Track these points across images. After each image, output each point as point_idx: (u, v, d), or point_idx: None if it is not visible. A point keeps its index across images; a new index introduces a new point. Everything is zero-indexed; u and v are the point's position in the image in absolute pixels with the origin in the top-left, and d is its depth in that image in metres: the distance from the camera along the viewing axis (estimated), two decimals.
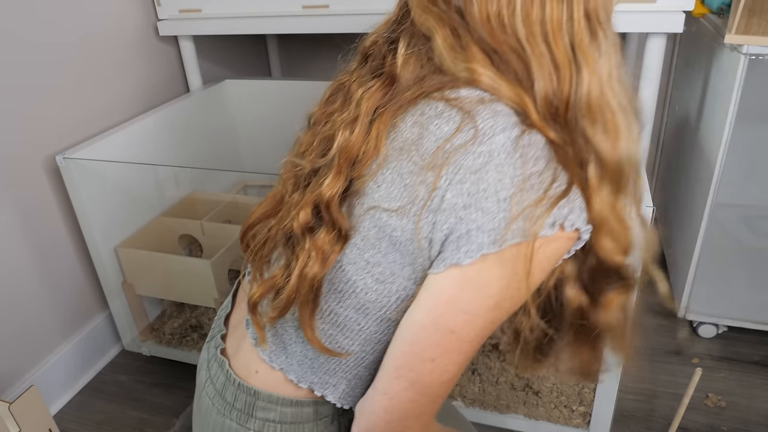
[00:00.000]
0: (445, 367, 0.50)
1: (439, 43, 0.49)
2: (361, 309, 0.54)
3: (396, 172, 0.50)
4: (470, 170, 0.46)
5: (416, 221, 0.48)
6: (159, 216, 1.46)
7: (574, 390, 1.06)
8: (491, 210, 0.46)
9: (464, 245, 0.46)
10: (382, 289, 0.52)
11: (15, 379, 1.24)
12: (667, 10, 1.11)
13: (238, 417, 0.61)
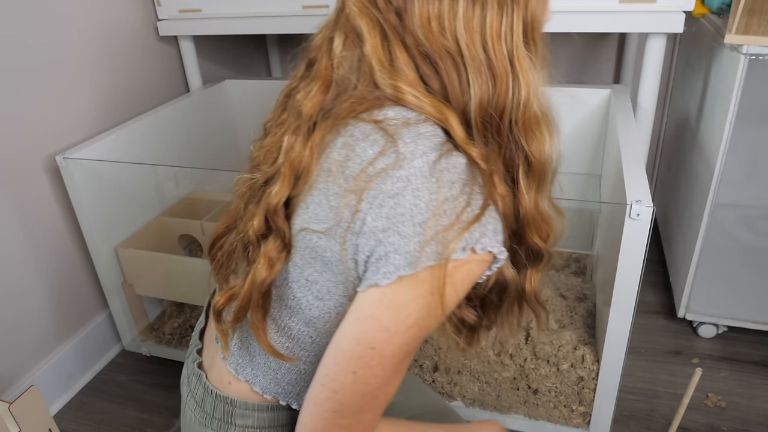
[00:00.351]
0: (367, 380, 0.50)
1: (369, 51, 0.50)
2: (310, 323, 0.56)
3: (323, 193, 0.51)
4: (389, 194, 0.48)
5: (341, 243, 0.50)
6: (159, 216, 1.46)
7: (573, 390, 1.06)
8: (407, 234, 0.47)
9: (383, 266, 0.48)
10: (322, 306, 0.55)
11: (15, 379, 1.24)
12: (667, 10, 1.11)
13: (218, 426, 0.62)
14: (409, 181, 0.48)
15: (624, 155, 0.99)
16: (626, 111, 1.21)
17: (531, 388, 1.09)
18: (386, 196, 0.48)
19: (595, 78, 1.73)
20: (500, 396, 1.12)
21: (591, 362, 1.02)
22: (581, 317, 1.12)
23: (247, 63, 1.98)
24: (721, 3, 1.25)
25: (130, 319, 1.43)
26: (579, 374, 1.04)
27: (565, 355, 1.04)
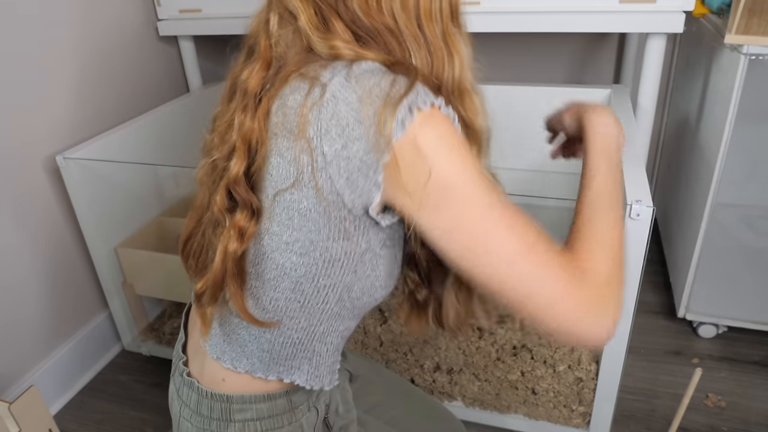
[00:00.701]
0: (508, 226, 0.50)
1: (303, 23, 0.53)
2: (297, 286, 0.57)
3: (277, 154, 0.53)
4: (328, 118, 0.50)
5: (314, 186, 0.51)
6: (159, 216, 1.46)
7: (573, 390, 1.06)
8: (361, 134, 0.49)
9: (367, 173, 0.50)
10: (307, 261, 0.56)
11: (15, 379, 1.24)
12: (667, 10, 1.11)
13: (218, 426, 0.63)
14: (335, 97, 0.50)
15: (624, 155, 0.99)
16: (626, 111, 1.21)
17: (529, 388, 1.09)
18: (327, 120, 0.50)
19: (595, 78, 1.73)
20: (500, 395, 1.12)
21: (588, 363, 1.02)
22: None
23: None
24: (721, 3, 1.25)
25: (130, 319, 1.43)
26: (576, 375, 1.04)
27: (562, 357, 1.04)
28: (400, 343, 1.14)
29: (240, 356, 0.62)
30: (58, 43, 1.25)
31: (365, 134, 0.49)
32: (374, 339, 1.15)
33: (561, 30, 1.19)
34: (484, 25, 1.22)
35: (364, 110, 0.49)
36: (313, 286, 0.57)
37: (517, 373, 1.08)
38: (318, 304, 0.59)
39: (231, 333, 0.62)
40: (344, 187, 0.51)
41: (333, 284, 0.57)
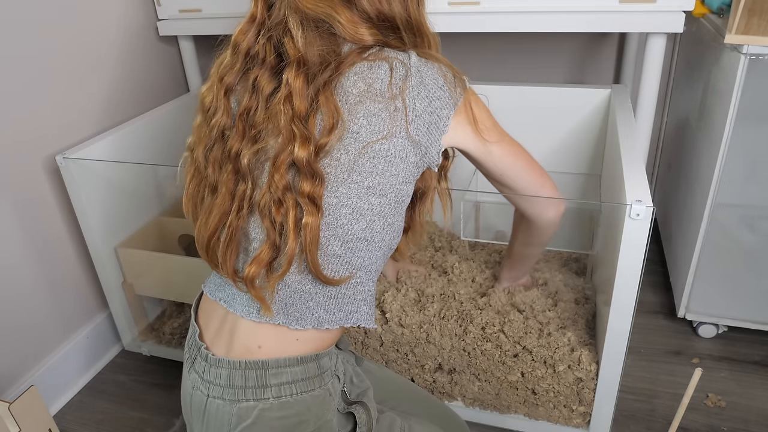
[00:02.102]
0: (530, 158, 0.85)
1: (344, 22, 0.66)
2: (368, 227, 0.68)
3: (366, 116, 0.65)
4: (417, 83, 0.67)
5: (406, 132, 0.67)
6: (159, 216, 1.46)
7: (573, 390, 1.06)
8: (441, 95, 0.69)
9: (439, 124, 0.69)
10: (383, 201, 0.68)
11: (15, 379, 1.24)
12: (667, 10, 1.11)
13: (253, 394, 0.66)
14: (419, 69, 0.68)
15: (624, 155, 0.99)
16: (626, 111, 1.21)
17: (530, 388, 1.09)
18: (416, 85, 0.67)
19: (595, 78, 1.73)
20: (500, 395, 1.12)
21: (588, 363, 1.02)
22: (581, 318, 1.12)
23: None
24: (721, 3, 1.25)
25: (130, 319, 1.43)
26: (576, 375, 1.04)
27: (562, 357, 1.04)
28: (401, 344, 1.14)
29: (305, 314, 0.68)
30: (57, 43, 1.25)
31: (443, 95, 0.69)
32: (375, 339, 1.15)
33: (561, 30, 1.19)
34: (484, 25, 1.22)
35: (442, 80, 0.69)
36: (381, 224, 0.69)
37: (517, 373, 1.08)
38: (378, 242, 0.69)
39: (293, 294, 0.68)
40: (425, 134, 0.68)
41: (392, 223, 0.70)
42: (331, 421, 0.69)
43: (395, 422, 0.78)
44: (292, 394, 0.67)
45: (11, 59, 1.15)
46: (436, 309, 1.12)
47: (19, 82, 1.17)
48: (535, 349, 1.05)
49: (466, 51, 1.75)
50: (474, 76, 1.76)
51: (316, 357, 0.69)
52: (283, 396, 0.66)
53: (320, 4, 0.66)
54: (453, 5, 1.23)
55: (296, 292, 0.67)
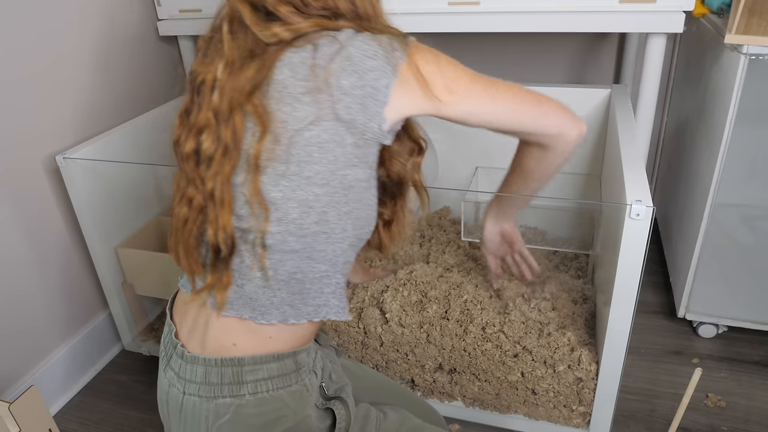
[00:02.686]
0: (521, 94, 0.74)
1: (247, 20, 0.64)
2: (321, 219, 0.65)
3: (291, 103, 0.62)
4: (344, 58, 0.62)
5: (334, 114, 0.62)
6: (159, 216, 1.46)
7: (573, 390, 1.06)
8: (374, 66, 0.62)
9: (377, 96, 0.63)
10: (328, 190, 0.64)
11: (15, 379, 1.24)
12: (667, 10, 1.12)
13: (230, 391, 0.66)
14: (347, 44, 0.62)
15: (624, 155, 0.99)
16: (626, 111, 1.21)
17: (530, 388, 1.09)
18: (342, 60, 0.62)
19: (595, 78, 1.73)
20: (500, 395, 1.12)
21: (588, 363, 1.02)
22: (581, 318, 1.12)
23: None
24: (721, 3, 1.25)
25: (130, 319, 1.43)
26: (576, 375, 1.04)
27: (562, 357, 1.04)
28: (401, 344, 1.14)
29: (270, 308, 0.67)
30: (57, 43, 1.25)
31: (377, 64, 0.62)
32: (375, 339, 1.15)
33: (561, 30, 1.19)
34: (484, 25, 1.22)
35: (373, 49, 0.62)
36: (336, 214, 0.65)
37: (517, 373, 1.08)
38: (339, 233, 0.66)
39: (257, 289, 0.67)
40: (359, 111, 0.62)
41: (350, 211, 0.66)
42: (310, 416, 0.69)
43: (370, 411, 0.78)
44: (268, 390, 0.66)
45: (11, 59, 1.15)
46: (435, 310, 1.12)
47: (19, 82, 1.17)
48: (535, 349, 1.05)
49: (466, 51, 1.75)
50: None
51: (293, 354, 0.68)
52: (260, 392, 0.66)
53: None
54: (453, 5, 1.23)
55: (260, 288, 0.67)
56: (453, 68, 0.69)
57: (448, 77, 0.68)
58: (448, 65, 0.69)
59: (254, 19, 0.64)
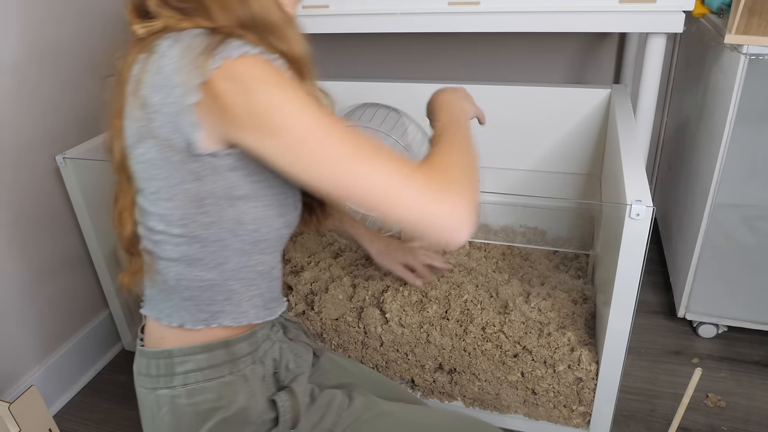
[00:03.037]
0: (348, 144, 0.57)
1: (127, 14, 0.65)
2: (187, 232, 0.63)
3: (127, 118, 0.62)
4: (154, 72, 0.58)
5: (150, 133, 0.59)
6: None
7: (573, 390, 1.06)
8: (179, 82, 0.56)
9: (185, 115, 0.57)
10: (177, 204, 0.62)
11: (15, 379, 1.24)
12: (667, 10, 1.12)
13: (165, 382, 0.68)
14: (161, 55, 0.58)
15: (624, 155, 0.99)
16: (626, 111, 1.21)
17: (530, 388, 1.09)
18: (153, 74, 0.58)
19: (595, 78, 1.73)
20: (500, 395, 1.12)
21: (588, 363, 1.02)
22: (581, 318, 1.12)
23: None
24: (721, 3, 1.25)
25: (129, 319, 1.43)
26: (576, 375, 1.04)
27: (562, 357, 1.04)
28: (401, 344, 1.14)
29: (172, 311, 0.68)
30: (57, 43, 1.25)
31: (182, 81, 0.56)
32: (375, 339, 1.15)
33: (561, 30, 1.19)
34: (484, 25, 1.22)
35: (181, 61, 0.56)
36: (198, 226, 0.63)
37: (517, 374, 1.08)
38: (213, 242, 0.64)
39: (160, 292, 0.69)
40: (172, 132, 0.58)
41: (218, 220, 0.63)
42: (248, 408, 0.68)
43: (335, 398, 0.77)
44: (198, 381, 0.67)
45: (11, 60, 1.15)
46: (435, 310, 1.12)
47: (19, 82, 1.17)
48: (535, 349, 1.05)
49: (465, 51, 1.75)
50: (474, 76, 1.78)
51: (225, 343, 0.68)
52: (190, 384, 0.67)
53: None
54: (453, 5, 1.23)
55: (159, 291, 0.69)
56: (272, 97, 0.55)
57: (255, 104, 0.55)
58: (268, 92, 0.55)
59: (133, 15, 0.65)
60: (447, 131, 0.70)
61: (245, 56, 0.55)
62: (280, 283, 0.75)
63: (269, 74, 0.56)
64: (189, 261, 0.65)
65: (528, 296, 1.16)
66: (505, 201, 1.47)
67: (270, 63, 0.57)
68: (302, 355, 0.80)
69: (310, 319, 1.17)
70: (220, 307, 0.68)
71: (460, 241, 0.57)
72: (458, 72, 1.79)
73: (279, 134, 0.55)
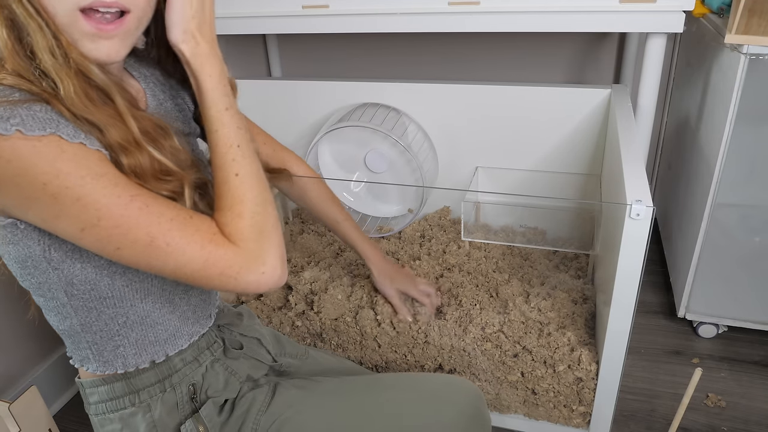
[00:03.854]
0: (119, 213, 0.54)
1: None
2: (31, 286, 0.64)
3: None
4: None
5: None
6: None
7: (573, 390, 1.06)
8: None
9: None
10: (2, 263, 0.63)
11: (15, 379, 1.24)
12: (667, 10, 1.11)
13: (87, 409, 0.73)
14: None
15: (624, 155, 0.99)
16: (626, 111, 1.21)
17: (530, 388, 1.09)
18: None
19: (595, 78, 1.73)
20: (500, 395, 1.12)
21: (588, 363, 1.02)
22: (581, 318, 1.12)
23: (246, 63, 1.98)
24: (721, 3, 1.25)
25: None
26: (576, 375, 1.04)
27: (562, 357, 1.04)
28: (398, 345, 1.14)
29: (70, 349, 0.71)
30: None
31: None
32: (371, 340, 1.15)
33: (561, 30, 1.19)
34: (484, 25, 1.22)
35: None
36: (31, 284, 0.63)
37: (517, 374, 1.08)
38: (52, 299, 0.64)
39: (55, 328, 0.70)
40: None
41: (45, 281, 0.62)
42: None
43: (255, 401, 0.77)
44: (104, 412, 0.70)
45: None
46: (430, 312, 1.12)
47: None
48: (535, 349, 1.05)
49: (466, 51, 1.75)
50: (474, 76, 1.77)
51: (124, 375, 0.69)
52: (100, 414, 0.71)
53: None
54: (453, 5, 1.23)
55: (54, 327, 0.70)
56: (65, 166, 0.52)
57: (56, 179, 0.52)
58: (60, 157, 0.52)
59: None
60: (229, 132, 0.62)
61: (17, 136, 0.50)
62: (169, 326, 0.71)
63: (41, 157, 0.51)
64: (42, 307, 0.67)
65: (528, 296, 1.16)
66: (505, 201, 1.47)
67: (50, 139, 0.52)
68: (237, 372, 0.78)
69: (309, 319, 1.17)
70: (84, 354, 0.69)
71: (272, 287, 0.60)
72: (458, 72, 1.79)
73: (78, 219, 0.54)
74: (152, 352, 0.70)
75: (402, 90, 1.45)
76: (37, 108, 0.53)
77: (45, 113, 0.53)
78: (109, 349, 0.68)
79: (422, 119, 1.46)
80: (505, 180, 1.47)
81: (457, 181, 1.53)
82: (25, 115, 0.51)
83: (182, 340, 0.72)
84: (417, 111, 1.46)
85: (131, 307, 0.66)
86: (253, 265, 0.58)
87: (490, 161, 1.46)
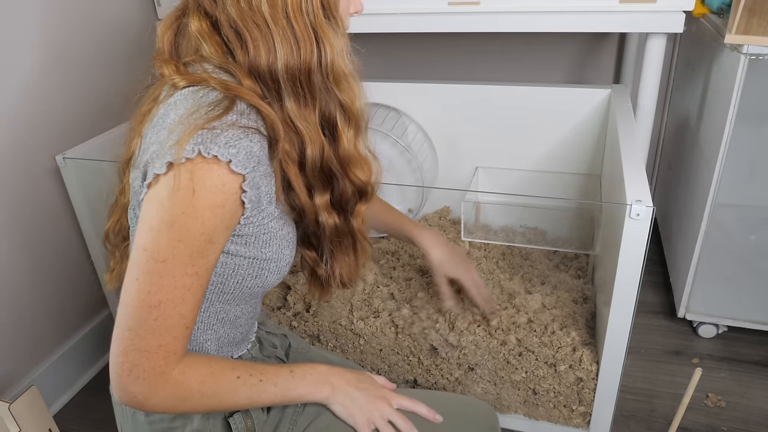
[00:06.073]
0: (148, 289, 0.55)
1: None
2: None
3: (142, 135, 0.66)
4: (160, 116, 0.61)
5: (138, 164, 0.62)
6: None
7: (573, 390, 1.06)
8: (162, 140, 0.58)
9: (149, 170, 0.58)
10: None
11: (15, 379, 1.24)
12: (667, 10, 1.12)
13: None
14: (174, 105, 0.60)
15: (624, 155, 0.99)
16: (626, 111, 1.21)
17: (530, 388, 1.09)
18: (158, 118, 0.62)
19: (595, 78, 1.73)
20: (500, 395, 1.12)
21: (589, 363, 1.02)
22: (582, 318, 1.12)
23: None
24: (721, 3, 1.25)
25: None
26: (577, 375, 1.04)
27: (563, 357, 1.04)
28: (401, 347, 1.14)
29: None
30: (57, 43, 1.25)
31: (163, 142, 0.57)
32: (374, 344, 1.15)
33: (561, 30, 1.19)
34: (484, 25, 1.22)
35: (176, 125, 0.57)
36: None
37: (521, 373, 1.08)
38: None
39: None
40: (143, 176, 0.61)
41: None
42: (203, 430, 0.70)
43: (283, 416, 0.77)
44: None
45: (11, 59, 1.15)
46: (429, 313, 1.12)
47: (18, 81, 1.17)
48: (537, 348, 1.05)
49: (466, 51, 1.75)
50: (474, 76, 1.77)
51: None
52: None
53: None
54: (453, 5, 1.23)
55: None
56: (158, 233, 0.55)
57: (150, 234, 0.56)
58: (165, 230, 0.55)
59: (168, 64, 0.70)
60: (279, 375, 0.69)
61: (208, 168, 0.54)
62: (246, 330, 0.76)
63: (191, 216, 0.55)
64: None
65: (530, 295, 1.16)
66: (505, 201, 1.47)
67: (212, 180, 0.55)
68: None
69: (306, 320, 1.17)
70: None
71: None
72: (458, 72, 1.79)
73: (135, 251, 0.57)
74: (227, 352, 0.73)
75: (402, 90, 1.45)
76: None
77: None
78: (198, 338, 0.69)
79: (422, 119, 1.46)
80: (505, 180, 1.47)
81: (457, 181, 1.53)
82: (234, 136, 0.58)
83: (229, 352, 0.75)
84: (417, 111, 1.46)
85: (237, 306, 0.70)
86: (142, 396, 0.58)
87: (490, 161, 1.46)
